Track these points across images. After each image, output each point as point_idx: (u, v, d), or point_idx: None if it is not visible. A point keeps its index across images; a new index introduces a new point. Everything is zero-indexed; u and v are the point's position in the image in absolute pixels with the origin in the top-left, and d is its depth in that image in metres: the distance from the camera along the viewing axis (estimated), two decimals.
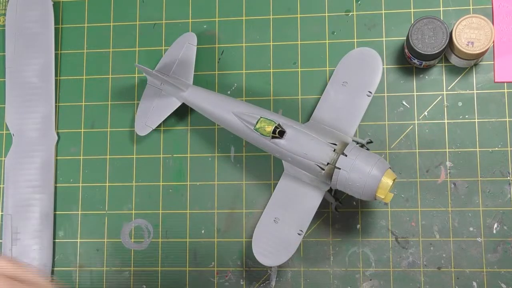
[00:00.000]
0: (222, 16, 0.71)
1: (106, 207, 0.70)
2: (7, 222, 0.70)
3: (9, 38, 0.73)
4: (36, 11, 0.73)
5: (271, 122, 0.60)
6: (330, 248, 0.66)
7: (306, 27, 0.69)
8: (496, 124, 0.65)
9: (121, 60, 0.72)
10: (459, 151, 0.65)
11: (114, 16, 0.73)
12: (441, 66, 0.66)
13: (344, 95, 0.63)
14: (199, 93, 0.65)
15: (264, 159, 0.68)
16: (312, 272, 0.66)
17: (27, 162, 0.71)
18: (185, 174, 0.69)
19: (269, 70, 0.69)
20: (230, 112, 0.62)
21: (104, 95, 0.72)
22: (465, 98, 0.65)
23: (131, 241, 0.69)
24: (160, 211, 0.69)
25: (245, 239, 0.67)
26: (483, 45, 0.61)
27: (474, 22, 0.62)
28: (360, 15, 0.68)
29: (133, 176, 0.70)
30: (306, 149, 0.59)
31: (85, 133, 0.71)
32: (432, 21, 0.62)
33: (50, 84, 0.72)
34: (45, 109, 0.71)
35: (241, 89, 0.69)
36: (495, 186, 0.64)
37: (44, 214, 0.70)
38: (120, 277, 0.68)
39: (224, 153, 0.69)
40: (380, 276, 0.65)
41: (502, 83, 0.65)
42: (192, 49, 0.68)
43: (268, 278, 0.66)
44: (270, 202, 0.64)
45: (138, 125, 0.69)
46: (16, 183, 0.70)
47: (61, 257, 0.70)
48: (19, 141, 0.71)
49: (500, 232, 0.63)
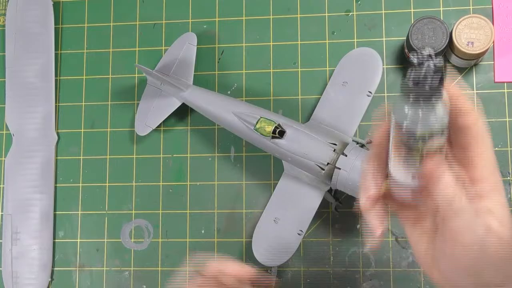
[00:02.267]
0: (222, 16, 0.71)
1: (106, 207, 0.70)
2: (7, 222, 0.70)
3: (9, 38, 0.73)
4: (36, 11, 0.72)
5: (271, 122, 0.60)
6: (330, 248, 0.66)
7: (306, 27, 0.69)
8: (496, 124, 0.65)
9: (121, 60, 0.72)
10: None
11: (114, 16, 0.73)
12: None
13: (344, 95, 0.63)
14: (199, 93, 0.65)
15: (264, 159, 0.68)
16: (312, 272, 0.66)
17: (27, 162, 0.71)
18: (185, 174, 0.69)
19: (269, 70, 0.69)
20: (230, 112, 0.62)
21: (104, 95, 0.72)
22: None
23: (131, 241, 0.69)
24: (160, 211, 0.69)
25: (245, 239, 0.67)
26: (483, 45, 0.61)
27: (474, 22, 0.62)
28: (360, 15, 0.68)
29: (133, 176, 0.70)
30: (306, 149, 0.59)
31: (85, 133, 0.71)
32: (432, 21, 0.62)
33: (50, 84, 0.72)
34: (45, 109, 0.71)
35: (241, 89, 0.69)
36: None
37: (44, 214, 0.70)
38: (120, 277, 0.68)
39: (224, 153, 0.69)
40: (380, 276, 0.64)
41: (502, 83, 0.65)
42: (192, 49, 0.68)
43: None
44: (270, 202, 0.64)
45: (138, 125, 0.69)
46: (16, 183, 0.70)
47: (61, 257, 0.70)
48: (19, 141, 0.71)
49: None
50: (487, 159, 0.40)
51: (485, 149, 0.40)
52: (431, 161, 0.38)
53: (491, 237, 0.38)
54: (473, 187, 0.39)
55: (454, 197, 0.37)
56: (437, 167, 0.38)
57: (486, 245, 0.37)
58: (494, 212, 0.39)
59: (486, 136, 0.40)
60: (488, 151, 0.40)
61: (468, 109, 0.39)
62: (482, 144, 0.40)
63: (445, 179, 0.38)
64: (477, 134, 0.40)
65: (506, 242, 0.38)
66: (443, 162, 0.38)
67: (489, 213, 0.38)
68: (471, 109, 0.39)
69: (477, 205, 0.39)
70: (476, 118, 0.39)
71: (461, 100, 0.39)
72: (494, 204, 0.39)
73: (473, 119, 0.39)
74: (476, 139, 0.40)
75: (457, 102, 0.39)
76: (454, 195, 0.38)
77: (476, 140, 0.40)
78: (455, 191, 0.38)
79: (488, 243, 0.37)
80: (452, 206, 0.38)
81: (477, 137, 0.40)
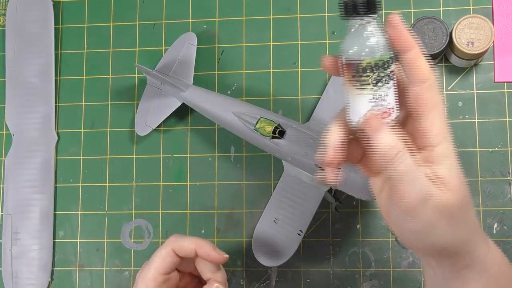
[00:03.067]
0: (222, 16, 0.71)
1: (106, 207, 0.70)
2: (7, 222, 0.70)
3: (9, 38, 0.73)
4: (36, 11, 0.73)
5: (271, 122, 0.60)
6: (330, 248, 0.66)
7: (306, 27, 0.69)
8: (496, 124, 0.65)
9: (121, 60, 0.72)
10: (459, 151, 0.64)
11: (114, 16, 0.73)
12: (441, 66, 0.66)
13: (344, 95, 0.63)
14: (199, 93, 0.65)
15: (264, 159, 0.68)
16: (312, 272, 0.66)
17: (27, 162, 0.71)
18: (185, 174, 0.69)
19: (269, 70, 0.69)
20: (230, 112, 0.62)
21: (104, 95, 0.72)
22: (465, 98, 0.65)
23: (131, 241, 0.69)
24: (160, 211, 0.69)
25: (245, 239, 0.67)
26: (483, 45, 0.61)
27: (474, 22, 0.62)
28: None
29: (133, 176, 0.70)
30: (306, 149, 0.59)
31: (85, 133, 0.71)
32: (432, 21, 0.62)
33: (50, 84, 0.72)
34: (45, 109, 0.71)
35: (241, 89, 0.69)
36: (495, 186, 0.64)
37: (44, 214, 0.70)
38: (120, 277, 0.68)
39: (224, 153, 0.69)
40: (380, 276, 0.65)
41: (502, 83, 0.65)
42: (192, 49, 0.68)
43: (268, 278, 0.66)
44: (270, 202, 0.64)
45: (138, 125, 0.69)
46: (16, 183, 0.70)
47: (61, 257, 0.70)
48: (19, 141, 0.71)
49: (500, 232, 0.63)
50: (438, 127, 0.41)
51: (436, 117, 0.41)
52: (374, 115, 0.39)
53: (433, 200, 0.39)
54: (422, 151, 0.41)
55: (396, 154, 0.39)
56: (377, 119, 0.39)
57: (430, 207, 0.39)
58: (441, 177, 0.40)
59: (437, 102, 0.41)
60: (439, 118, 0.41)
61: (409, 44, 0.40)
62: (433, 112, 0.41)
63: (383, 134, 0.39)
64: (428, 100, 0.40)
65: (450, 204, 0.39)
66: (384, 119, 0.40)
67: (436, 178, 0.40)
68: (412, 45, 0.40)
69: (425, 169, 0.40)
70: (429, 80, 0.40)
71: (403, 32, 0.40)
72: (445, 169, 0.40)
73: (425, 78, 0.40)
74: (427, 106, 0.41)
75: (398, 34, 0.40)
76: (396, 152, 0.39)
77: (427, 107, 0.41)
78: (397, 148, 0.39)
79: (431, 206, 0.39)
80: (396, 165, 0.39)
81: (427, 103, 0.40)
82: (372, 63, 0.39)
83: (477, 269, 0.42)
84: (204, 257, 0.54)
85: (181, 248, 0.53)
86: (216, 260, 0.53)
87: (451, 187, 0.40)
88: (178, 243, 0.53)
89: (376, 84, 0.39)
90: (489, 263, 0.43)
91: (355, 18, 0.39)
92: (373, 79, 0.39)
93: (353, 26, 0.40)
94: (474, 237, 0.42)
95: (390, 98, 0.40)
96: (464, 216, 0.41)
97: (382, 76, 0.39)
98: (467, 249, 0.42)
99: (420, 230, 0.40)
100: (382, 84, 0.39)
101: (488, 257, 0.43)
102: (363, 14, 0.39)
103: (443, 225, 0.40)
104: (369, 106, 0.40)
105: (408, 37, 0.41)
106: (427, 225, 0.40)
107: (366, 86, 0.39)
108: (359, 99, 0.40)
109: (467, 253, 0.42)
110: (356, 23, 0.40)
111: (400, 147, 0.39)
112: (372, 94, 0.39)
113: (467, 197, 0.42)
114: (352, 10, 0.39)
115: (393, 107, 0.40)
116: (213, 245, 0.54)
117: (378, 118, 0.39)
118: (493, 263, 0.43)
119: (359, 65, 0.39)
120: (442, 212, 0.40)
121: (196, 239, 0.53)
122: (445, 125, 0.41)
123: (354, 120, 0.41)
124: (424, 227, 0.40)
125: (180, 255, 0.54)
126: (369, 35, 0.39)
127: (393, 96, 0.40)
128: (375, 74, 0.39)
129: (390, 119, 0.40)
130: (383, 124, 0.39)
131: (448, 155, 0.41)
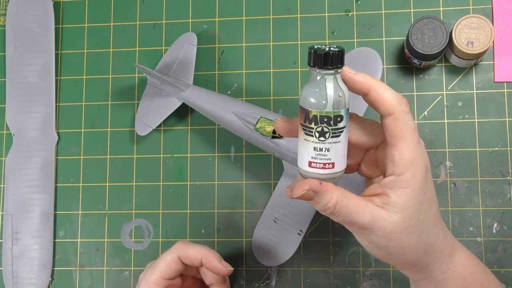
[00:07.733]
0: (222, 16, 0.71)
1: (106, 207, 0.70)
2: (7, 222, 0.70)
3: (9, 38, 0.73)
4: (36, 11, 0.73)
5: (271, 122, 0.60)
6: (330, 248, 0.66)
7: (306, 27, 0.69)
8: (496, 124, 0.65)
9: (121, 60, 0.72)
10: (459, 151, 0.65)
11: (114, 16, 0.73)
12: (441, 66, 0.66)
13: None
14: (199, 93, 0.65)
15: (264, 159, 0.68)
16: (312, 272, 0.66)
17: (27, 162, 0.71)
18: (185, 174, 0.69)
19: (269, 70, 0.69)
20: (230, 112, 0.62)
21: (104, 95, 0.72)
22: (465, 98, 0.65)
23: (131, 241, 0.69)
24: (160, 211, 0.69)
25: (245, 239, 0.67)
26: (483, 45, 0.61)
27: (474, 22, 0.62)
28: (360, 15, 0.68)
29: (133, 176, 0.70)
30: None
31: (85, 133, 0.71)
32: (432, 21, 0.62)
33: (50, 84, 0.72)
34: (45, 109, 0.71)
35: (241, 89, 0.69)
36: (495, 186, 0.64)
37: (44, 214, 0.70)
38: (120, 277, 0.68)
39: (224, 153, 0.69)
40: (380, 276, 0.65)
41: (502, 83, 0.65)
42: (192, 49, 0.68)
43: (268, 278, 0.66)
44: (270, 202, 0.64)
45: (138, 125, 0.69)
46: (16, 183, 0.70)
47: (61, 257, 0.70)
48: (19, 141, 0.71)
49: (500, 232, 0.63)
50: (406, 157, 0.42)
51: (405, 148, 0.42)
52: (313, 185, 0.41)
53: (379, 229, 0.42)
54: (388, 176, 0.42)
55: (334, 208, 0.42)
56: (313, 188, 0.41)
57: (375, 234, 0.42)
58: (392, 204, 0.42)
59: (406, 133, 0.42)
60: (407, 149, 0.42)
61: (366, 87, 0.42)
62: (401, 143, 0.42)
63: (318, 199, 0.42)
64: (396, 131, 0.42)
65: (397, 230, 0.42)
66: (326, 170, 0.41)
67: (387, 205, 0.42)
68: (369, 87, 0.42)
69: (375, 199, 0.42)
70: (395, 114, 0.42)
71: (358, 79, 0.42)
72: (398, 197, 0.42)
73: (390, 112, 0.42)
74: (395, 137, 0.42)
75: (353, 83, 0.42)
76: (334, 206, 0.42)
77: (395, 138, 0.42)
78: (332, 204, 0.42)
79: (377, 236, 0.43)
80: (337, 215, 0.42)
81: (395, 134, 0.42)
82: (318, 116, 0.40)
83: (435, 282, 0.45)
84: (209, 268, 0.54)
85: (187, 256, 0.54)
86: (221, 272, 0.54)
87: (400, 212, 0.42)
88: (185, 251, 0.54)
89: (318, 138, 0.40)
90: (449, 276, 0.45)
91: (317, 69, 0.40)
92: (316, 132, 0.40)
93: (314, 75, 0.41)
94: (429, 255, 0.44)
95: (331, 153, 0.41)
96: (415, 239, 0.43)
97: (326, 131, 0.40)
98: (420, 267, 0.45)
99: (379, 255, 0.45)
100: (325, 138, 0.40)
101: (449, 270, 0.45)
102: (325, 67, 0.40)
103: (392, 248, 0.43)
104: (314, 154, 0.41)
105: (364, 81, 0.42)
106: (379, 249, 0.44)
107: (310, 136, 0.41)
108: (306, 144, 0.41)
109: (422, 269, 0.45)
110: (317, 74, 0.41)
111: (335, 200, 0.41)
112: (314, 146, 0.41)
113: (422, 221, 0.43)
114: (317, 61, 0.40)
115: (334, 163, 0.41)
116: (219, 256, 0.54)
117: (314, 187, 0.41)
118: (457, 276, 0.45)
119: (308, 113, 0.40)
120: (389, 237, 0.42)
121: (203, 249, 0.54)
122: (415, 154, 0.42)
123: (299, 164, 0.42)
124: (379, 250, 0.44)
125: (186, 263, 0.54)
126: (323, 89, 0.40)
127: (337, 151, 0.41)
128: (319, 128, 0.40)
129: (332, 171, 0.41)
130: (319, 192, 0.41)
131: (409, 186, 0.42)
